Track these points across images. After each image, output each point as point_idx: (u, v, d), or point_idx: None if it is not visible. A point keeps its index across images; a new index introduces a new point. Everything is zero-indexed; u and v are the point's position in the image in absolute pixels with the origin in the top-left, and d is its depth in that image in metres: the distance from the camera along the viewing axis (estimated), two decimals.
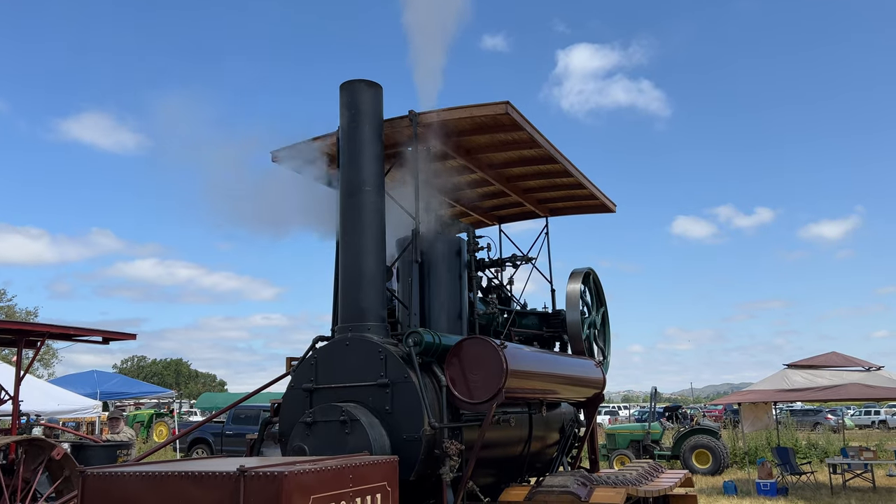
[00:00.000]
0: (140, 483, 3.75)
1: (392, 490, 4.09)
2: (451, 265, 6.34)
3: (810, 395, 15.42)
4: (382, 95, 5.85)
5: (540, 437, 6.71)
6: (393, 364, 5.04)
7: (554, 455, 7.34)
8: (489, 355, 5.11)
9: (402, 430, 4.89)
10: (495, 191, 7.89)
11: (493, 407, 5.04)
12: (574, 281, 7.54)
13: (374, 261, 5.45)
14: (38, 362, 32.57)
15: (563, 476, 5.62)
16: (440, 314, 6.15)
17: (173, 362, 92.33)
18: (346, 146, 5.65)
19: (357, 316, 5.34)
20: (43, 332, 8.43)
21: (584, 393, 7.15)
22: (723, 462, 19.18)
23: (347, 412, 4.83)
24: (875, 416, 47.09)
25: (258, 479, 3.35)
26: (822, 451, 21.17)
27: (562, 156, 6.98)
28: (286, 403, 5.43)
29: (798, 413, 43.05)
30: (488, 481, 5.93)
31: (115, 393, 21.82)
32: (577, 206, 8.66)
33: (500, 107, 5.77)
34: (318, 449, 4.78)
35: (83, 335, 8.90)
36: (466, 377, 5.16)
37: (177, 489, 3.58)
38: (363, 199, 5.50)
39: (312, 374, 5.31)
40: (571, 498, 5.18)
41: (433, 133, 6.11)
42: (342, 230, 5.55)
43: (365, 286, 5.38)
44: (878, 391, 14.60)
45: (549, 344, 7.78)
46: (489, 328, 6.79)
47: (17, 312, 40.42)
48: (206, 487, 3.51)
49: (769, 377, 16.19)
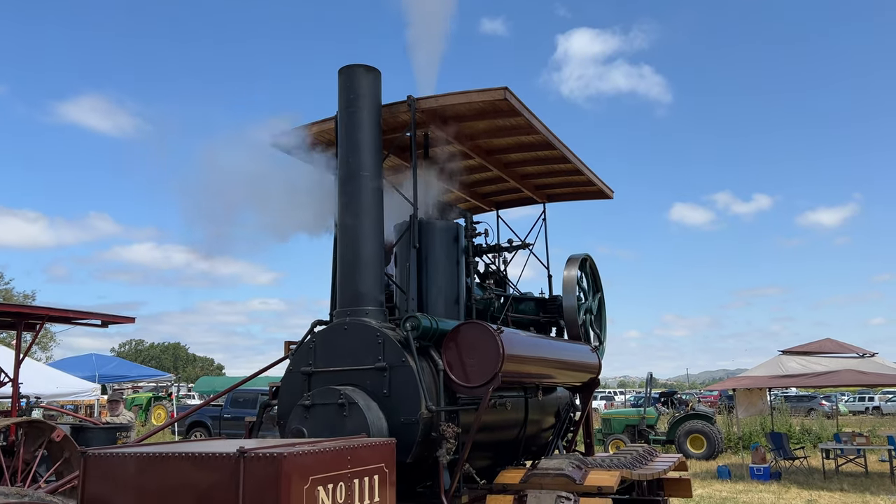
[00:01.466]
0: (141, 463, 3.80)
1: (389, 472, 4.15)
2: (449, 251, 6.38)
3: (805, 381, 15.53)
4: (381, 80, 5.87)
5: (536, 420, 6.78)
6: (391, 348, 5.10)
7: (549, 439, 7.42)
8: (486, 340, 5.17)
9: (399, 413, 4.96)
10: (493, 176, 7.92)
11: (490, 391, 5.12)
12: (571, 267, 7.59)
13: (372, 246, 5.50)
14: (35, 346, 32.63)
15: (559, 459, 5.69)
16: (438, 299, 6.20)
17: (171, 346, 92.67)
18: (345, 131, 5.67)
19: (355, 300, 5.39)
20: (42, 315, 8.48)
21: (579, 378, 7.22)
22: (717, 447, 19.37)
23: (345, 395, 4.89)
24: (869, 403, 47.48)
25: (258, 461, 3.40)
26: (816, 437, 21.35)
27: (560, 142, 7.00)
28: (285, 387, 5.49)
29: (792, 399, 43.33)
30: (485, 464, 6.01)
31: (114, 376, 21.93)
32: (574, 193, 8.69)
33: (499, 92, 5.79)
34: (317, 431, 4.84)
35: (82, 318, 8.96)
36: (463, 361, 5.22)
37: (177, 470, 3.63)
38: (361, 185, 5.54)
39: (311, 358, 5.37)
40: (566, 480, 5.25)
41: (431, 118, 6.14)
42: (340, 215, 5.59)
43: (363, 271, 5.43)
44: (871, 377, 14.72)
45: (545, 329, 7.84)
46: (486, 313, 6.85)
47: (15, 296, 40.46)
48: (206, 468, 3.56)
49: (764, 363, 16.31)
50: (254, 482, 3.39)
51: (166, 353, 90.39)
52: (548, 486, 5.24)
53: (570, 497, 5.11)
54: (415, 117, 5.91)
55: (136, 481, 3.77)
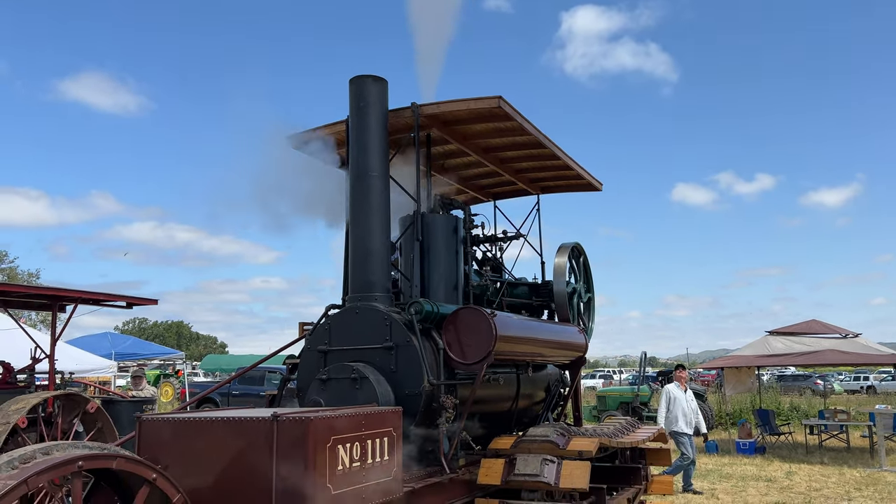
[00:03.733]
0: (187, 427, 4.48)
1: (397, 436, 4.85)
2: (449, 242, 7.05)
3: (788, 360, 16.28)
4: (387, 89, 6.49)
5: (527, 394, 7.47)
6: (397, 330, 5.77)
7: (540, 411, 8.13)
8: (481, 322, 5.85)
9: (404, 387, 5.63)
10: (490, 171, 8.56)
11: (484, 367, 5.79)
12: (561, 254, 8.26)
13: (379, 239, 6.17)
14: (42, 324, 33.39)
15: (545, 427, 6.37)
16: (439, 285, 6.88)
17: (174, 324, 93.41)
18: (355, 135, 6.32)
19: (365, 287, 6.07)
20: (74, 297, 9.17)
21: (567, 355, 7.92)
22: (708, 423, 20.13)
23: (357, 370, 5.58)
24: (864, 382, 48.30)
25: (289, 423, 4.09)
26: (804, 414, 22.12)
27: (550, 141, 7.63)
28: (303, 363, 6.20)
29: (788, 378, 44.20)
30: (481, 433, 6.70)
31: (129, 354, 22.72)
32: (566, 185, 9.33)
33: (493, 101, 6.42)
34: (332, 402, 5.49)
35: (110, 300, 9.66)
36: (461, 341, 5.89)
37: (221, 431, 4.31)
38: (370, 184, 6.19)
39: (326, 338, 6.06)
40: (551, 446, 5.95)
41: (433, 122, 6.78)
42: (351, 211, 6.25)
43: (372, 261, 6.10)
44: (851, 357, 15.44)
45: (538, 312, 8.51)
46: (483, 298, 7.52)
47: (20, 274, 41.16)
48: (244, 430, 4.25)
49: (751, 343, 17.05)
50: (286, 441, 4.08)
51: (170, 331, 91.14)
52: (535, 450, 5.93)
53: (554, 460, 5.80)
54: (418, 122, 6.56)
55: (183, 442, 4.46)
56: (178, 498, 3.58)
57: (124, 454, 3.48)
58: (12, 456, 3.16)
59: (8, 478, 2.97)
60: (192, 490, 4.05)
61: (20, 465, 3.10)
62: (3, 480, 2.95)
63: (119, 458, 3.38)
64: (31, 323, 30.92)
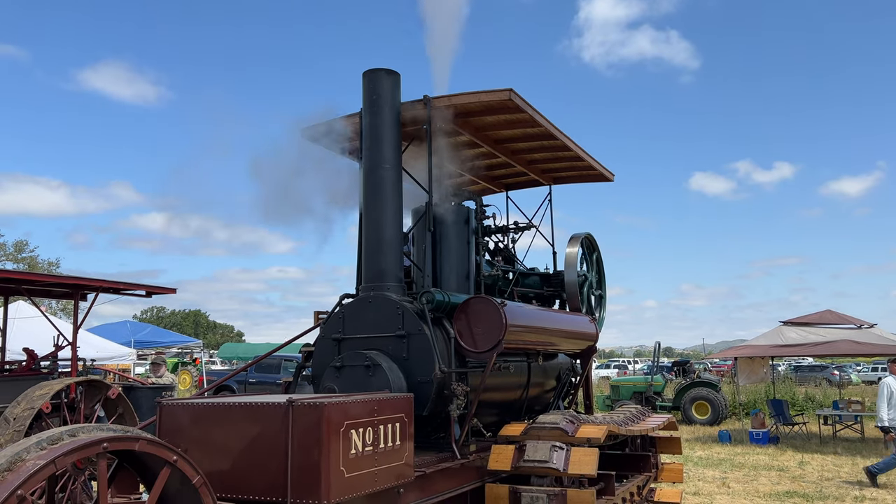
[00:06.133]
0: (206, 411, 4.65)
1: (408, 422, 4.96)
2: (460, 232, 7.16)
3: (802, 350, 16.26)
4: (400, 82, 6.59)
5: (538, 383, 7.58)
6: (409, 318, 5.90)
7: (551, 400, 8.25)
8: (491, 312, 5.97)
9: (416, 374, 5.77)
10: (502, 162, 8.64)
11: (494, 356, 5.91)
12: (572, 244, 8.35)
13: (392, 229, 6.29)
14: (62, 312, 33.90)
15: (555, 415, 6.48)
16: (450, 275, 7.00)
17: (192, 313, 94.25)
18: (368, 128, 6.43)
19: (378, 277, 6.20)
20: (96, 286, 9.39)
21: (578, 345, 8.02)
22: (721, 413, 20.17)
23: (371, 358, 5.73)
24: (882, 374, 47.95)
25: (304, 408, 4.24)
26: (818, 404, 22.08)
27: (561, 133, 7.71)
28: (318, 351, 6.34)
29: (805, 369, 43.97)
30: (492, 420, 6.82)
31: (147, 342, 23.09)
32: (578, 176, 9.41)
33: (504, 93, 6.50)
34: (346, 389, 5.65)
35: (129, 289, 9.87)
36: (472, 330, 6.02)
37: (238, 416, 4.47)
38: (383, 176, 6.31)
39: (340, 327, 6.20)
40: (560, 433, 6.06)
41: (445, 114, 6.87)
42: (364, 203, 6.37)
43: (385, 251, 6.23)
44: (866, 347, 15.40)
45: (549, 302, 8.60)
46: (494, 288, 7.63)
47: (40, 263, 41.71)
48: (262, 414, 4.40)
49: (765, 333, 17.03)
50: (301, 425, 4.23)
51: (187, 320, 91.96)
52: (544, 437, 6.04)
53: (563, 447, 5.92)
54: (430, 114, 6.66)
55: (203, 426, 4.63)
56: (197, 479, 3.72)
57: (146, 437, 3.63)
58: (41, 437, 3.31)
59: (37, 458, 3.12)
60: (211, 472, 4.20)
61: (48, 445, 3.24)
62: (32, 461, 3.10)
63: (141, 441, 3.52)
64: (52, 311, 31.39)
